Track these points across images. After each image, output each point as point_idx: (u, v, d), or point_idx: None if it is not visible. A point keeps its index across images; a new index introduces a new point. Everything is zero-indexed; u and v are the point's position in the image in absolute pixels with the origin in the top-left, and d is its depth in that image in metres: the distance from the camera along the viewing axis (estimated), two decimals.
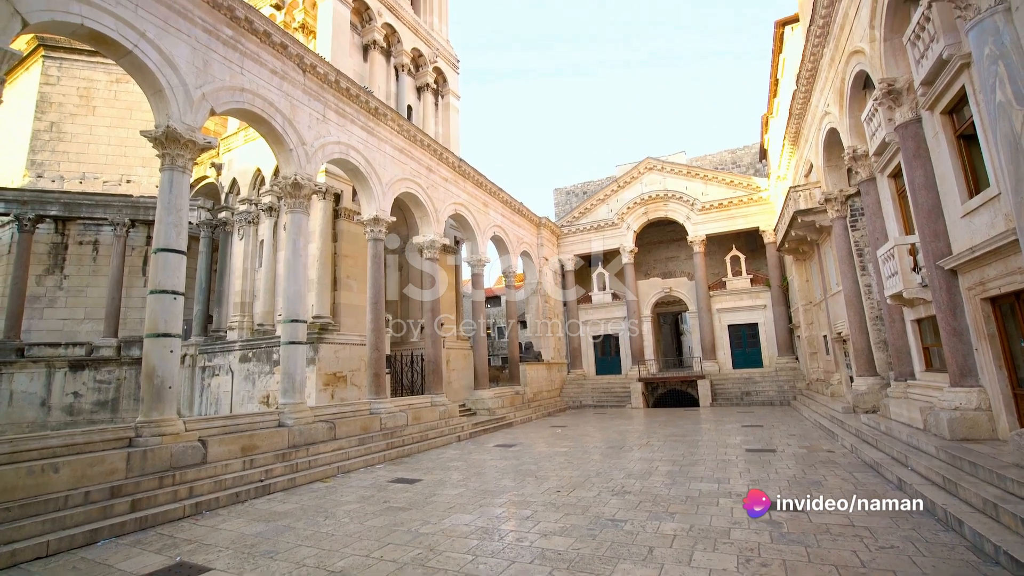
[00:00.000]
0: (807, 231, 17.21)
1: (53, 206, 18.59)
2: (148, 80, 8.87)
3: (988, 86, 6.01)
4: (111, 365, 17.94)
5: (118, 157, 21.06)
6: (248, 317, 17.04)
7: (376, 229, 14.30)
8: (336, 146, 13.08)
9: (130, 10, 8.48)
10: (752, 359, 24.93)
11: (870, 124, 10.46)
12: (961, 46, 6.93)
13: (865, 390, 12.67)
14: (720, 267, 27.15)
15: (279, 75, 11.44)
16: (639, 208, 27.40)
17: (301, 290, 11.66)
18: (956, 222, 7.96)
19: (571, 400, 25.83)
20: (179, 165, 9.05)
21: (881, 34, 9.12)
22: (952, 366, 7.85)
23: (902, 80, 8.93)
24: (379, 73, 19.49)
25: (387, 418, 13.14)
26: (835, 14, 11.33)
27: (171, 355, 8.52)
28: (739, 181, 25.70)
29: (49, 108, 20.61)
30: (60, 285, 19.02)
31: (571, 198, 36.40)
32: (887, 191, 11.25)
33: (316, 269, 15.03)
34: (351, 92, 13.53)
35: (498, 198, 21.78)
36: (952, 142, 8.08)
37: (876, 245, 11.32)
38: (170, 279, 8.68)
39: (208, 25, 9.87)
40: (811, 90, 14.65)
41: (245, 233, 17.61)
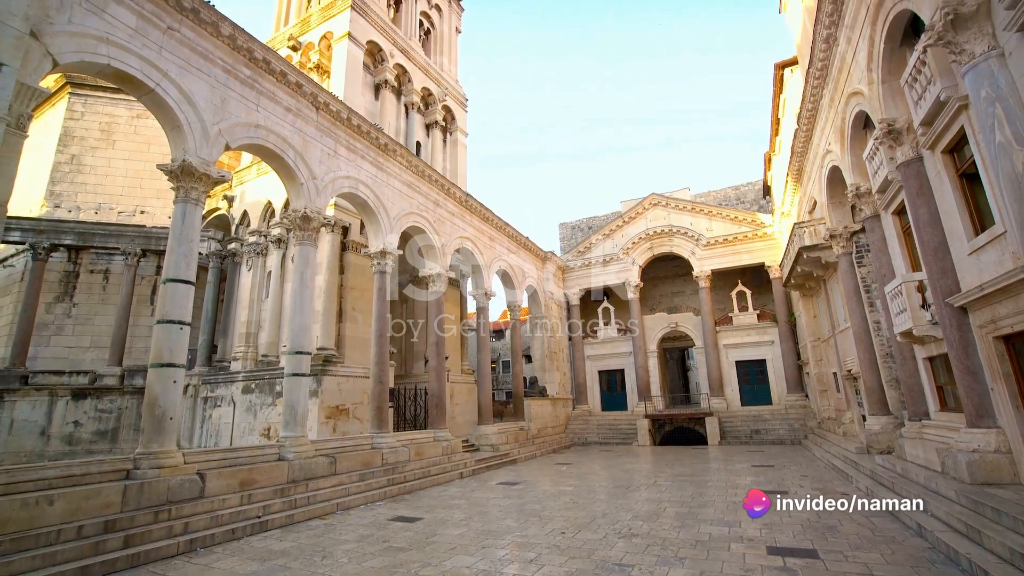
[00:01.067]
0: (813, 267, 17.19)
1: (68, 235, 18.96)
2: (167, 116, 9.19)
3: (987, 127, 6.11)
4: (113, 394, 17.85)
5: (134, 189, 21.60)
6: (252, 348, 17.03)
7: (383, 262, 14.43)
8: (346, 180, 13.36)
9: (154, 51, 8.87)
10: (761, 396, 24.47)
11: (872, 162, 10.59)
12: (958, 88, 7.06)
13: (879, 430, 12.35)
14: (726, 302, 27.03)
15: (293, 112, 11.82)
16: (644, 243, 27.55)
17: (307, 321, 11.68)
18: (963, 259, 7.92)
19: (576, 437, 25.31)
20: (192, 198, 9.26)
21: (879, 76, 9.35)
22: (968, 406, 7.66)
23: (902, 120, 9.07)
24: (390, 110, 20.10)
25: (389, 453, 12.90)
26: (832, 57, 11.65)
27: (174, 385, 8.48)
28: (744, 217, 25.89)
29: (71, 141, 21.32)
30: (69, 313, 19.18)
31: (576, 233, 36.72)
32: (892, 228, 11.27)
33: (322, 301, 15.10)
34: (362, 129, 13.92)
35: (504, 232, 22.01)
36: (955, 180, 8.14)
37: (883, 281, 11.27)
38: (177, 309, 8.73)
39: (227, 65, 10.28)
40: (812, 129, 14.92)
41: (253, 264, 17.80)
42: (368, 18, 19.21)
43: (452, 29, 25.90)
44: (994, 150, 6.03)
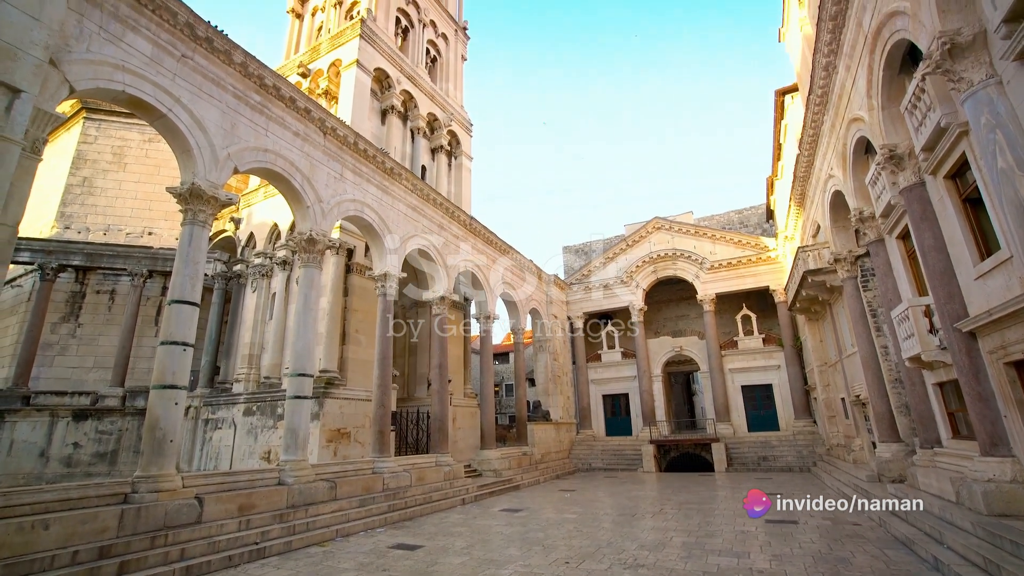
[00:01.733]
0: (818, 291, 17.12)
1: (76, 256, 19.15)
2: (178, 141, 9.37)
3: (988, 153, 6.14)
4: (114, 415, 17.75)
5: (143, 211, 21.91)
6: (255, 370, 16.97)
7: (387, 285, 14.47)
8: (352, 203, 13.50)
9: (168, 78, 9.11)
10: (768, 422, 24.08)
11: (874, 187, 10.63)
12: (958, 115, 7.11)
13: (889, 457, 12.08)
14: (731, 326, 26.85)
15: (301, 137, 12.04)
16: (648, 267, 27.57)
17: (310, 344, 11.66)
18: (970, 284, 7.87)
19: (580, 462, 24.88)
20: (200, 220, 9.37)
21: (879, 103, 9.45)
22: (981, 434, 7.49)
23: (903, 146, 9.13)
24: (396, 135, 20.45)
25: (390, 478, 12.69)
26: (832, 84, 11.82)
27: (175, 407, 8.43)
28: (747, 241, 25.93)
29: (84, 164, 21.74)
30: (73, 333, 19.24)
31: (580, 256, 36.81)
32: (896, 252, 11.24)
33: (326, 323, 15.09)
34: (368, 153, 14.14)
35: (508, 255, 22.09)
36: (958, 205, 8.14)
37: (889, 306, 11.18)
38: (181, 330, 8.75)
39: (238, 92, 10.52)
40: (814, 154, 15.04)
41: (258, 286, 17.89)
42: (376, 46, 19.72)
43: (458, 57, 26.54)
44: (996, 176, 6.04)
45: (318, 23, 23.42)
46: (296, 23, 23.93)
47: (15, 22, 6.86)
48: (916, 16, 7.12)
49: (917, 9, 7.05)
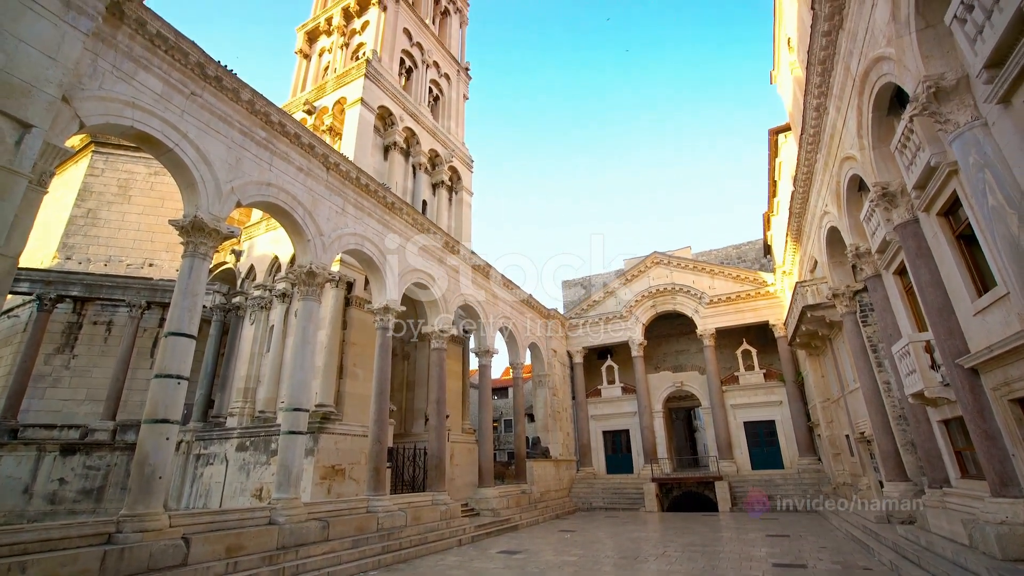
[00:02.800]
0: (817, 326, 17.09)
1: (75, 287, 19.14)
2: (183, 175, 9.53)
3: (979, 191, 6.25)
4: (103, 450, 17.33)
5: (144, 242, 22.06)
6: (250, 403, 16.70)
7: (386, 318, 14.43)
8: (352, 237, 13.62)
9: (176, 114, 9.35)
10: (771, 459, 23.57)
11: (869, 224, 10.76)
12: (946, 155, 7.27)
13: (898, 497, 11.77)
14: (732, 361, 26.65)
15: (304, 172, 12.25)
16: (647, 301, 27.58)
17: (306, 377, 11.52)
18: (969, 320, 7.86)
19: (581, 501, 24.20)
20: (201, 252, 9.42)
21: (869, 143, 9.67)
22: (990, 474, 7.32)
23: (895, 184, 9.29)
24: (398, 170, 20.83)
25: (385, 517, 12.30)
26: (824, 125, 12.14)
27: (166, 443, 8.25)
28: (745, 276, 26.05)
29: (89, 196, 22.02)
30: (67, 365, 19.01)
31: (579, 290, 36.89)
32: (894, 288, 11.28)
33: (323, 356, 14.97)
34: (370, 188, 14.36)
35: (507, 289, 22.13)
36: (952, 242, 8.22)
37: (890, 341, 11.14)
38: (177, 363, 8.65)
39: (245, 127, 10.78)
40: (808, 191, 15.30)
41: (256, 318, 17.82)
42: (380, 85, 20.33)
43: (460, 96, 27.34)
44: (988, 213, 6.13)
45: (325, 63, 24.23)
46: (304, 63, 24.76)
47: (32, 61, 7.09)
48: (901, 61, 7.38)
49: (902, 55, 7.32)
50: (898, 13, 7.21)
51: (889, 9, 7.40)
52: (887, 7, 7.46)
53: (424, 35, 25.21)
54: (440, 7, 28.65)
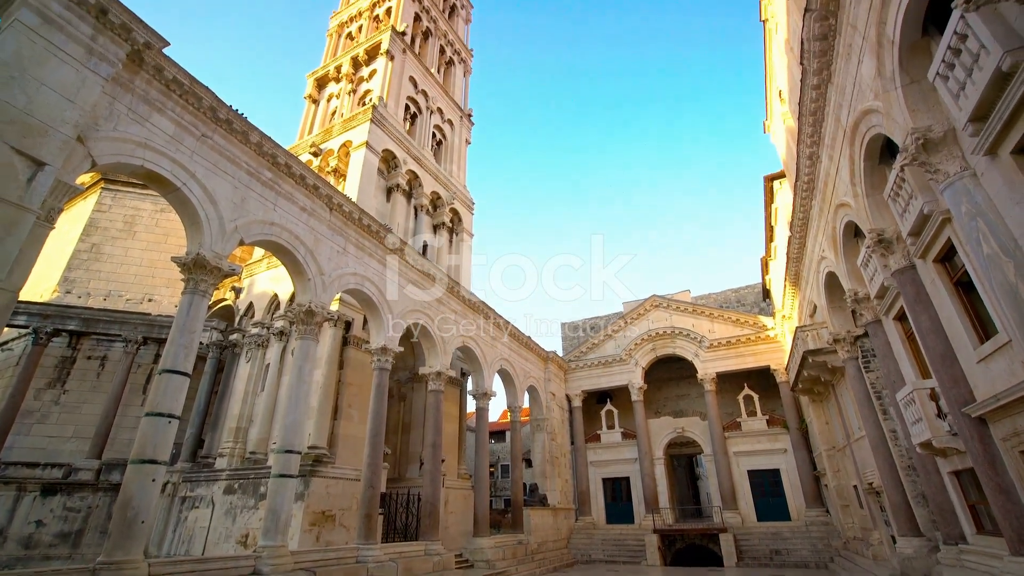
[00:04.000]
0: (819, 371, 16.90)
1: (73, 320, 19.04)
2: (189, 213, 9.67)
3: (973, 239, 6.31)
4: (86, 491, 16.74)
5: (145, 277, 22.14)
6: (241, 444, 16.28)
7: (383, 359, 14.30)
8: (353, 277, 13.68)
9: (186, 155, 9.59)
10: (777, 510, 22.76)
11: (866, 269, 10.82)
12: (939, 203, 7.37)
13: (912, 554, 11.26)
14: (733, 406, 26.21)
15: (307, 212, 12.45)
16: (647, 344, 27.41)
17: (300, 418, 11.29)
18: (972, 367, 7.76)
19: (580, 552, 23.20)
20: (201, 289, 9.43)
21: (863, 191, 9.84)
22: (1007, 530, 7.04)
23: (890, 230, 9.40)
24: (400, 212, 21.18)
25: (375, 568, 11.75)
26: (817, 172, 12.42)
27: (152, 484, 7.97)
28: (745, 320, 25.99)
29: (95, 231, 22.29)
30: (57, 400, 18.66)
31: (578, 333, 36.77)
32: (895, 334, 11.22)
33: (318, 396, 14.72)
34: (372, 229, 14.55)
35: (506, 331, 22.03)
36: (950, 288, 8.23)
37: (894, 388, 10.98)
38: (169, 401, 8.49)
39: (252, 168, 11.03)
40: (805, 236, 15.49)
41: (253, 356, 17.64)
42: (385, 130, 20.98)
43: (462, 140, 28.17)
44: (984, 261, 6.17)
45: (332, 108, 25.09)
46: (312, 107, 25.65)
47: (51, 103, 7.35)
48: (889, 114, 7.64)
49: (889, 108, 7.58)
50: (883, 69, 7.52)
51: (874, 65, 7.72)
52: (872, 63, 7.79)
53: (429, 83, 26.24)
54: (445, 57, 29.97)
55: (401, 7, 26.26)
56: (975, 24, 5.31)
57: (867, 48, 7.91)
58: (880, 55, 7.51)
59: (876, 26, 7.41)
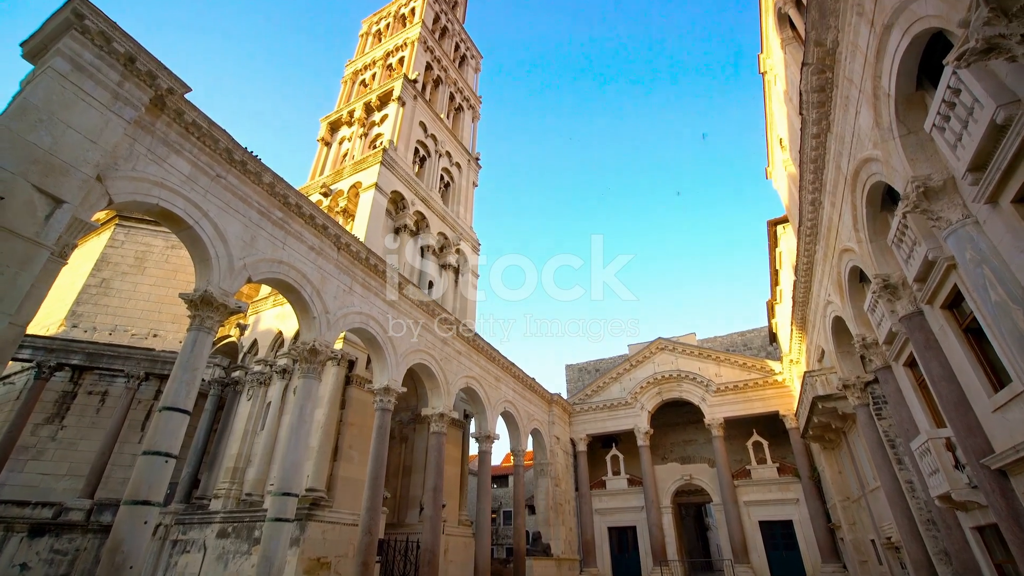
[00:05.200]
0: (830, 418, 16.51)
1: (77, 355, 19.03)
2: (199, 250, 9.84)
3: (980, 286, 6.28)
4: (75, 532, 16.24)
5: (152, 312, 22.26)
6: (238, 485, 15.88)
7: (386, 399, 14.14)
8: (358, 316, 13.72)
9: (200, 194, 9.85)
10: (792, 565, 21.71)
11: (873, 314, 10.73)
12: (943, 249, 7.36)
13: None
14: (742, 453, 25.48)
15: (315, 251, 12.63)
16: (652, 388, 26.98)
17: (299, 459, 11.07)
18: (988, 416, 7.55)
19: None
20: (206, 326, 9.46)
21: (866, 237, 9.89)
22: None
23: (896, 276, 9.37)
24: (407, 251, 21.44)
25: None
26: (820, 218, 12.54)
27: (143, 527, 7.75)
28: (752, 364, 25.63)
29: (106, 266, 22.60)
30: (54, 436, 18.40)
31: (583, 375, 36.34)
32: (906, 380, 11.01)
33: (318, 436, 14.46)
34: (378, 268, 14.70)
35: (510, 372, 21.80)
36: (960, 335, 8.11)
37: (907, 436, 10.68)
38: (167, 439, 8.37)
39: (263, 208, 11.29)
40: (810, 281, 15.48)
41: (254, 394, 17.47)
42: (395, 172, 21.53)
43: (469, 183, 28.82)
44: (992, 308, 6.12)
45: (344, 150, 25.88)
46: (324, 149, 26.47)
47: (75, 144, 7.64)
48: (888, 163, 7.78)
49: (888, 157, 7.73)
50: (880, 120, 7.72)
51: (872, 116, 7.93)
52: (870, 114, 8.00)
53: (438, 127, 27.12)
54: (455, 104, 31.10)
55: (414, 57, 27.50)
56: (967, 80, 5.49)
57: (864, 100, 8.15)
58: (877, 107, 7.72)
59: (872, 79, 7.66)
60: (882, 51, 7.13)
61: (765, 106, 18.55)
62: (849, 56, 8.30)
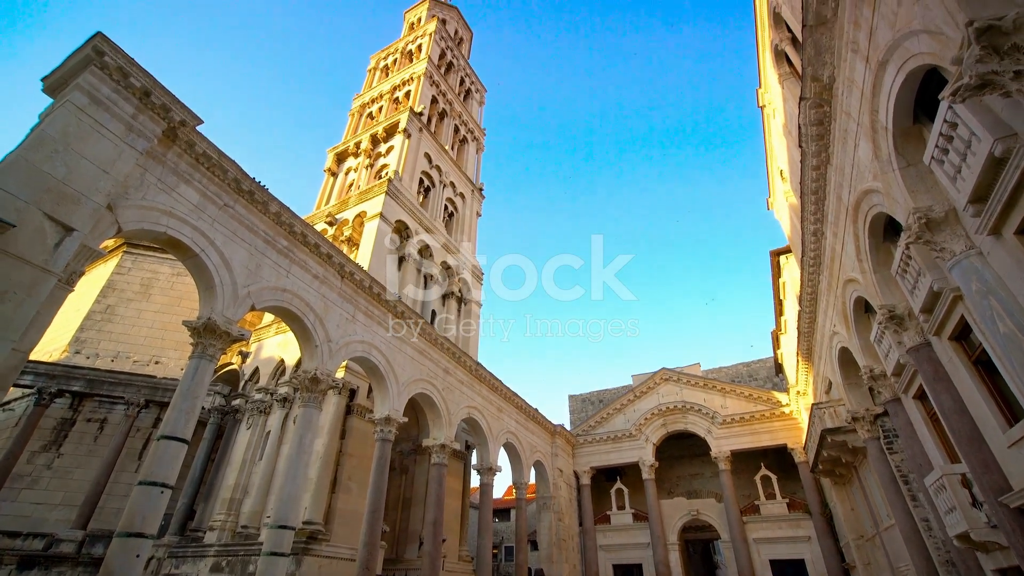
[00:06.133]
0: (840, 452, 16.11)
1: (78, 381, 18.95)
2: (204, 278, 9.91)
3: (987, 318, 6.20)
4: (65, 565, 15.82)
5: (155, 339, 22.26)
6: (233, 517, 15.54)
7: (387, 429, 13.97)
8: (360, 345, 13.68)
9: (207, 223, 9.99)
10: None
11: (880, 345, 10.57)
12: (948, 280, 7.25)
13: None
14: (750, 488, 24.81)
15: (319, 279, 12.70)
16: (657, 419, 26.53)
17: (297, 491, 10.86)
18: (1003, 451, 7.34)
19: None
20: (208, 354, 9.45)
21: (870, 267, 9.82)
22: None
23: (901, 306, 9.26)
24: (410, 280, 21.53)
25: None
26: (823, 248, 12.54)
27: (136, 560, 7.56)
28: (759, 395, 25.22)
29: (111, 293, 22.75)
30: (50, 464, 18.15)
31: (587, 406, 35.85)
32: (917, 413, 10.78)
33: (317, 467, 14.21)
34: (381, 297, 14.74)
35: (513, 403, 21.54)
36: (970, 367, 7.96)
37: (920, 472, 10.38)
38: (164, 469, 8.25)
39: (268, 236, 11.42)
40: (815, 311, 15.37)
41: (254, 423, 17.28)
42: (399, 202, 21.84)
43: (473, 213, 29.16)
44: (1001, 340, 6.02)
45: (350, 180, 26.34)
46: (330, 180, 26.96)
47: (88, 174, 7.80)
48: (889, 194, 7.81)
49: (889, 189, 7.77)
50: (879, 152, 7.79)
51: (871, 149, 8.01)
52: (869, 147, 8.09)
53: (443, 159, 27.65)
54: (459, 136, 31.79)
55: (420, 91, 28.28)
56: (963, 114, 5.56)
57: (862, 133, 8.25)
58: (875, 140, 7.81)
59: (869, 113, 7.78)
60: (878, 86, 7.25)
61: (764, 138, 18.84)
62: (846, 91, 8.45)
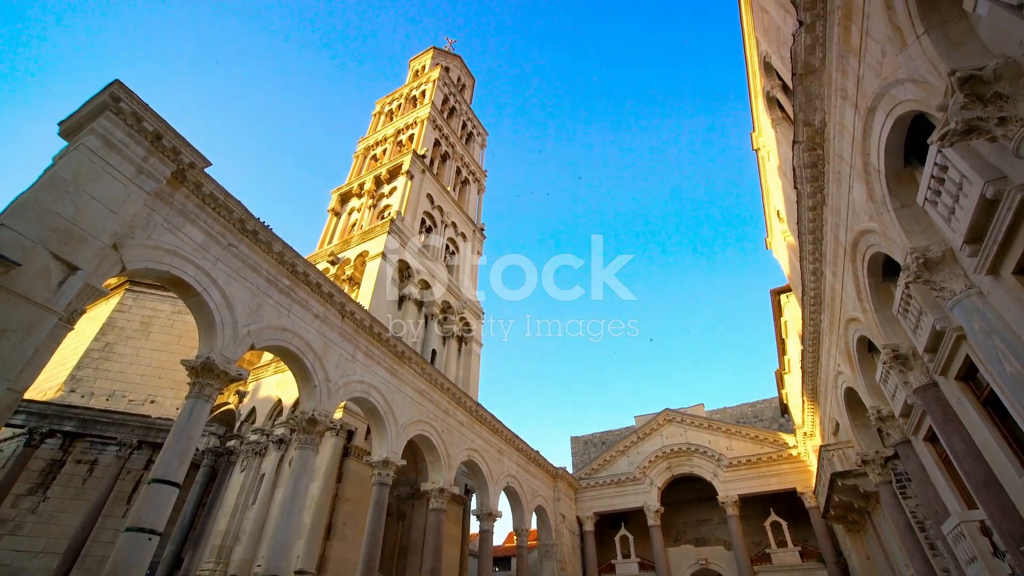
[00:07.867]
0: (851, 496, 15.60)
1: (71, 421, 18.53)
2: (205, 317, 9.90)
3: (992, 358, 6.13)
4: None
5: (152, 378, 22.00)
6: (223, 565, 14.88)
7: (385, 472, 13.61)
8: (359, 385, 13.52)
9: (211, 262, 10.07)
10: None
11: (886, 386, 10.42)
12: (950, 320, 7.22)
13: None
14: (760, 534, 23.88)
15: (320, 319, 12.68)
16: (662, 462, 25.84)
17: (290, 538, 10.48)
18: (1022, 496, 7.10)
19: None
20: (205, 393, 9.33)
21: (871, 307, 9.80)
22: None
23: (905, 346, 9.18)
24: (411, 320, 21.50)
25: None
26: (823, 287, 12.56)
27: None
28: (765, 436, 24.66)
29: (111, 331, 22.64)
30: (35, 508, 17.52)
31: (589, 447, 35.06)
32: (928, 456, 10.50)
33: (312, 512, 13.74)
34: (382, 337, 14.67)
35: (514, 446, 21.07)
36: (979, 408, 7.81)
37: (937, 518, 10.01)
38: (153, 515, 7.98)
39: (271, 276, 11.49)
40: (818, 351, 15.23)
41: (248, 465, 16.84)
42: (401, 241, 22.09)
43: (474, 253, 29.45)
44: (1009, 381, 5.95)
45: (353, 220, 26.74)
46: (334, 220, 27.38)
47: (96, 214, 7.94)
48: (885, 235, 7.90)
49: (885, 229, 7.87)
50: (873, 194, 7.93)
51: (865, 190, 8.16)
52: (863, 188, 8.24)
53: (445, 200, 28.16)
54: (461, 177, 32.51)
55: (423, 134, 29.14)
56: (953, 157, 5.69)
57: (855, 175, 8.42)
58: (869, 182, 7.96)
59: (861, 156, 7.97)
60: (868, 131, 7.46)
61: (760, 180, 19.24)
62: (837, 135, 8.69)
